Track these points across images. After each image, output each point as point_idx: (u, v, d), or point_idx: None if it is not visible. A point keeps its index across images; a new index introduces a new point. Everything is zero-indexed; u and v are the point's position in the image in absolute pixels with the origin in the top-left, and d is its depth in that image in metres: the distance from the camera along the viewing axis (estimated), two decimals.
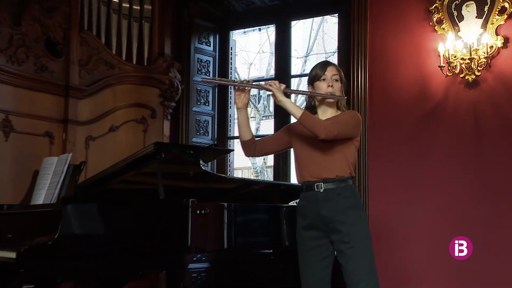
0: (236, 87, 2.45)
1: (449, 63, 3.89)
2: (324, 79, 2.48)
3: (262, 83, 2.43)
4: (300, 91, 2.56)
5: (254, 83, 2.44)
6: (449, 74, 3.93)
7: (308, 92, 2.51)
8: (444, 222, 3.80)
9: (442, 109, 3.98)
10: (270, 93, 2.40)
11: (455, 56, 3.91)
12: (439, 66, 3.90)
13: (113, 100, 4.46)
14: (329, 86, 2.47)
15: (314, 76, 2.50)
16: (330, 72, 2.49)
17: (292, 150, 2.62)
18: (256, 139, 2.59)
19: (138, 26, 4.71)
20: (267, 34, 11.83)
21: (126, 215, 2.44)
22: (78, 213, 2.26)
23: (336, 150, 2.41)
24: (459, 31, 3.96)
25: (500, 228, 3.65)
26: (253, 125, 12.16)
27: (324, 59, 2.60)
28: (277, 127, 4.86)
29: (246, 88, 2.44)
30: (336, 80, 2.49)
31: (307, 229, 2.44)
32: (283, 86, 2.40)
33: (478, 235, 3.64)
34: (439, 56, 3.92)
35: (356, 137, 2.46)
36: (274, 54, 5.15)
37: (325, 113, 2.51)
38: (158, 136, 4.60)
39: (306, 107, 2.55)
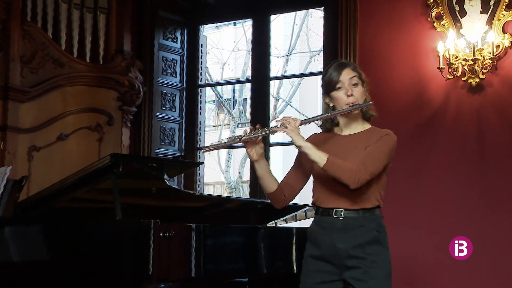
0: (245, 141, 2.34)
1: (449, 65, 3.95)
2: (340, 87, 2.34)
3: (273, 125, 2.31)
4: (318, 116, 2.37)
5: (264, 131, 2.31)
6: (449, 77, 3.99)
7: (327, 114, 2.37)
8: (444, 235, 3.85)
9: (442, 117, 4.04)
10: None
11: (456, 57, 3.98)
12: (439, 68, 3.96)
13: (63, 104, 4.42)
14: (348, 95, 2.33)
15: (328, 84, 2.36)
16: (346, 76, 2.34)
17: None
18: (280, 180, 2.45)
19: (92, 18, 4.67)
20: (243, 30, 11.89)
21: (76, 239, 2.39)
22: (17, 237, 2.21)
23: None
24: (461, 28, 4.02)
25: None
26: (227, 133, 12.18)
27: (337, 60, 2.44)
28: None
29: (258, 137, 2.33)
30: (355, 84, 2.35)
31: (316, 259, 2.36)
32: (298, 122, 2.27)
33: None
34: (439, 56, 3.97)
35: (389, 163, 2.35)
36: (251, 53, 5.15)
37: (349, 128, 2.40)
38: (116, 146, 4.58)
39: (323, 124, 2.44)
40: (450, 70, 3.96)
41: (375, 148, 2.30)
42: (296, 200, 2.70)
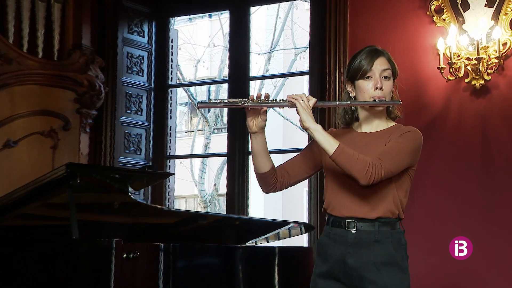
0: (248, 108, 2.27)
1: (451, 64, 3.98)
2: (369, 77, 2.30)
3: (283, 98, 2.25)
4: (336, 102, 2.33)
5: (271, 101, 2.25)
6: (451, 78, 4.02)
7: (347, 102, 2.33)
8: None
9: (442, 124, 4.06)
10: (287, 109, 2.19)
11: (458, 55, 4.01)
12: (438, 68, 3.99)
13: (10, 106, 4.37)
14: (376, 88, 2.29)
15: (356, 71, 2.31)
16: (379, 66, 2.31)
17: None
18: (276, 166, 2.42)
19: (45, 7, 4.62)
20: (219, 23, 11.92)
21: (24, 262, 2.36)
22: None
23: (383, 184, 2.26)
24: (463, 23, 4.06)
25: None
26: (201, 140, 12.19)
27: (372, 46, 2.39)
28: (231, 143, 4.86)
29: (260, 107, 2.28)
30: (387, 78, 2.32)
31: (324, 278, 2.33)
32: (312, 101, 2.23)
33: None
34: (438, 55, 4.00)
35: (413, 166, 2.32)
36: (228, 49, 5.15)
37: (371, 124, 2.36)
38: (73, 155, 4.53)
39: (342, 115, 2.39)
40: (451, 71, 3.99)
41: (395, 144, 2.27)
42: (279, 215, 2.68)
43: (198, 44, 12.57)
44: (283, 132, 12.52)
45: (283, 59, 12.52)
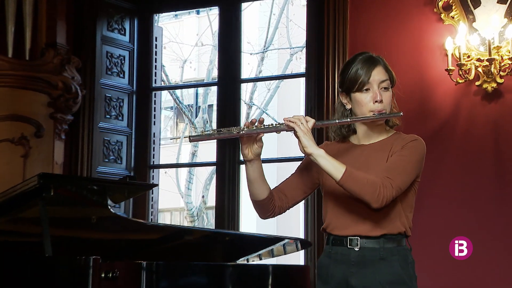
0: (243, 136, 2.31)
1: (460, 66, 3.99)
2: (368, 90, 2.32)
3: (280, 122, 2.29)
4: (335, 120, 2.34)
5: (268, 127, 2.28)
6: (460, 81, 4.03)
7: (347, 119, 2.34)
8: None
9: (451, 131, 4.08)
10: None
11: (468, 56, 4.02)
12: (447, 70, 4.00)
13: None
14: (376, 101, 2.31)
15: (352, 82, 2.33)
16: (377, 77, 2.32)
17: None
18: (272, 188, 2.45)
19: (15, 2, 4.62)
20: (208, 20, 11.92)
21: None
22: None
23: None
24: (474, 21, 4.08)
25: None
26: (187, 148, 12.18)
27: (365, 53, 2.39)
28: (221, 151, 4.85)
29: (259, 134, 2.31)
30: (385, 89, 2.34)
31: None
32: (311, 122, 2.25)
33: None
34: (447, 55, 4.02)
35: (418, 177, 2.36)
36: (218, 48, 5.15)
37: (369, 136, 2.39)
38: (46, 164, 4.52)
39: (338, 129, 2.41)
40: (460, 73, 4.00)
41: (400, 157, 2.30)
42: (273, 230, 2.68)
43: (184, 43, 12.57)
44: (277, 139, 12.53)
45: (278, 59, 12.53)
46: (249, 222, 12.38)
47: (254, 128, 2.29)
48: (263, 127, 2.29)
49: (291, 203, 2.48)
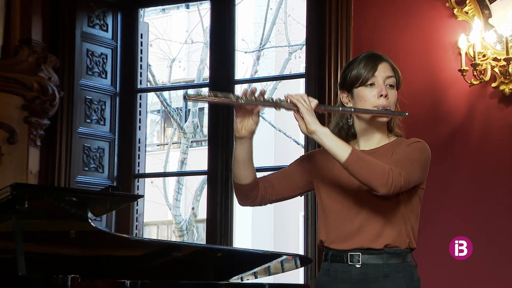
0: (240, 107, 2.30)
1: (474, 66, 3.99)
2: (372, 84, 2.35)
3: (282, 98, 2.29)
4: (338, 108, 2.37)
5: (269, 101, 2.29)
6: (475, 83, 4.03)
7: (350, 108, 2.36)
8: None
9: (465, 136, 4.08)
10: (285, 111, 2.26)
11: (484, 55, 4.03)
12: (460, 70, 4.00)
13: None
14: (381, 96, 2.34)
15: (356, 77, 2.36)
16: (383, 73, 2.36)
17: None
18: (258, 177, 2.46)
19: None
20: (199, 15, 11.95)
21: None
22: None
23: (390, 204, 2.31)
24: (490, 16, 4.08)
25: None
26: (176, 154, 12.18)
27: (370, 51, 2.46)
28: (213, 158, 4.84)
29: (255, 106, 2.31)
30: (392, 86, 2.37)
31: None
32: (314, 102, 2.28)
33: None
34: (460, 54, 4.02)
35: (423, 183, 2.38)
36: (209, 46, 5.15)
37: (370, 141, 2.41)
38: (20, 173, 4.52)
39: (336, 130, 2.42)
40: (475, 73, 4.00)
41: (405, 154, 2.32)
42: (269, 245, 2.68)
43: (173, 40, 12.59)
44: (275, 145, 12.54)
45: (275, 58, 12.56)
46: (244, 237, 12.39)
47: (254, 99, 2.28)
48: (263, 100, 2.28)
49: (276, 197, 2.48)
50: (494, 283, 3.94)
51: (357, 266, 2.32)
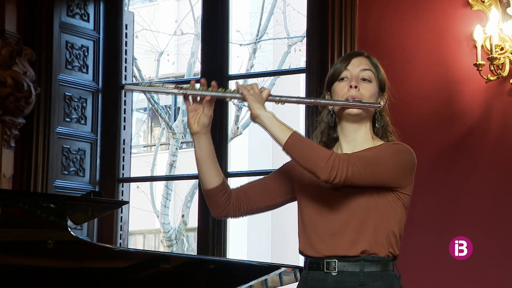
0: (187, 97, 2.39)
1: (491, 60, 4.00)
2: (344, 78, 2.44)
3: (232, 88, 2.39)
4: (294, 98, 2.46)
5: (217, 91, 2.38)
6: (491, 78, 4.04)
7: (310, 99, 2.49)
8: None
9: (481, 136, 4.08)
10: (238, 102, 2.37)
11: (502, 48, 4.03)
12: (475, 65, 4.01)
13: None
14: (351, 87, 2.42)
15: (331, 75, 2.48)
16: (356, 67, 2.44)
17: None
18: (233, 187, 2.50)
19: None
20: (189, 3, 11.93)
21: None
22: None
23: (369, 207, 2.35)
24: (508, 5, 4.08)
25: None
26: (164, 157, 12.16)
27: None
28: None
29: (205, 97, 2.39)
30: (366, 80, 2.44)
31: None
32: (265, 92, 2.37)
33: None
34: (476, 47, 4.02)
35: (400, 187, 2.39)
36: (201, 38, 5.15)
37: (353, 144, 2.45)
38: None
39: (320, 133, 2.50)
40: (492, 68, 4.01)
41: (370, 150, 2.38)
42: (267, 256, 2.69)
43: (160, 31, 12.57)
44: (273, 148, 12.53)
45: (273, 51, 12.55)
46: (239, 247, 12.38)
47: (199, 88, 2.36)
48: (211, 90, 2.37)
49: (250, 208, 2.52)
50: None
51: (333, 274, 2.35)
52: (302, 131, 3.99)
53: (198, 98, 2.38)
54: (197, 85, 2.40)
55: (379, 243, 2.35)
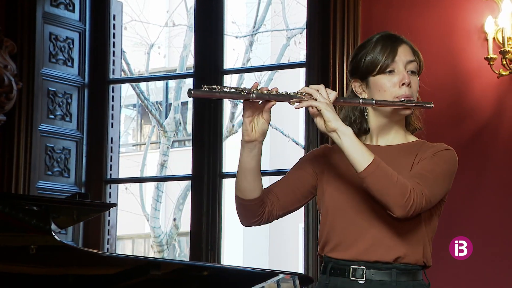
0: (253, 99, 2.25)
1: (504, 54, 4.00)
2: (392, 72, 2.36)
3: (299, 90, 2.29)
4: (359, 100, 2.34)
5: (283, 95, 2.27)
6: (504, 73, 4.04)
7: (372, 101, 2.33)
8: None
9: (493, 134, 4.10)
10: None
11: None
12: (487, 59, 4.01)
13: None
14: (403, 84, 2.35)
15: (372, 63, 2.37)
16: (403, 58, 2.37)
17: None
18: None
19: None
20: None
21: None
22: None
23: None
24: None
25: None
26: (155, 156, 12.17)
27: (385, 32, 2.46)
28: (198, 161, 4.85)
29: (267, 102, 2.28)
30: (413, 73, 2.39)
31: None
32: (333, 94, 2.28)
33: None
34: (487, 40, 4.03)
35: (445, 197, 2.40)
36: (194, 30, 5.15)
37: (386, 136, 2.43)
38: None
39: (349, 122, 2.41)
40: (504, 62, 4.02)
41: (432, 165, 2.32)
42: (264, 262, 2.69)
43: (151, 22, 12.58)
44: (270, 146, 12.56)
45: (271, 44, 12.58)
46: (234, 252, 12.40)
47: (266, 93, 2.26)
48: (275, 94, 2.26)
49: (282, 212, 2.47)
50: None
51: (360, 282, 2.32)
52: (302, 130, 3.98)
53: (260, 102, 2.28)
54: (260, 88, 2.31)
55: (415, 251, 2.34)
